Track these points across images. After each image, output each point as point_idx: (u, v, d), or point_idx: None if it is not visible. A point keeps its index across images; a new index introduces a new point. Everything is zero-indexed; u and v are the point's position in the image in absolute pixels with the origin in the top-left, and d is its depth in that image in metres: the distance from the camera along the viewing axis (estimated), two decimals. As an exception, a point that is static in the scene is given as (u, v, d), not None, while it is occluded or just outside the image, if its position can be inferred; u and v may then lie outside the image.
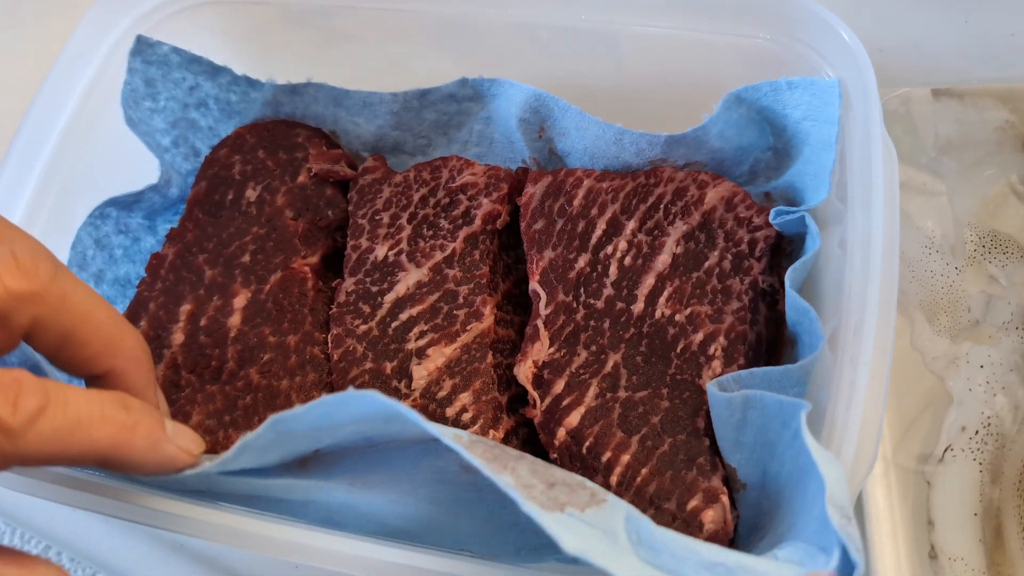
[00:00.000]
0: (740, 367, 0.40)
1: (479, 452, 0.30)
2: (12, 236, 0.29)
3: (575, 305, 0.43)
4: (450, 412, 0.41)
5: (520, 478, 0.29)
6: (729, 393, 0.36)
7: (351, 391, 0.28)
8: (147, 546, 0.48)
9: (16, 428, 0.24)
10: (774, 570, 0.28)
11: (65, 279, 0.28)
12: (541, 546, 0.35)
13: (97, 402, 0.27)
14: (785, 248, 0.45)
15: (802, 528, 0.31)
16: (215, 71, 0.50)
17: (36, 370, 0.40)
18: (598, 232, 0.44)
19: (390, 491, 0.35)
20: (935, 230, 0.48)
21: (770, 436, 0.36)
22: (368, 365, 0.43)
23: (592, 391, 0.41)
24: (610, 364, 0.41)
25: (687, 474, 0.38)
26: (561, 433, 0.40)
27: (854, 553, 0.27)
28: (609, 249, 0.44)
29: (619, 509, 0.30)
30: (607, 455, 0.39)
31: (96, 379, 0.31)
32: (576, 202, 0.45)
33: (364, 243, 0.46)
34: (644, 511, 0.37)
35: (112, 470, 0.28)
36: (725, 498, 0.37)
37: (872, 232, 0.37)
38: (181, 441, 0.30)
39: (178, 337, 0.44)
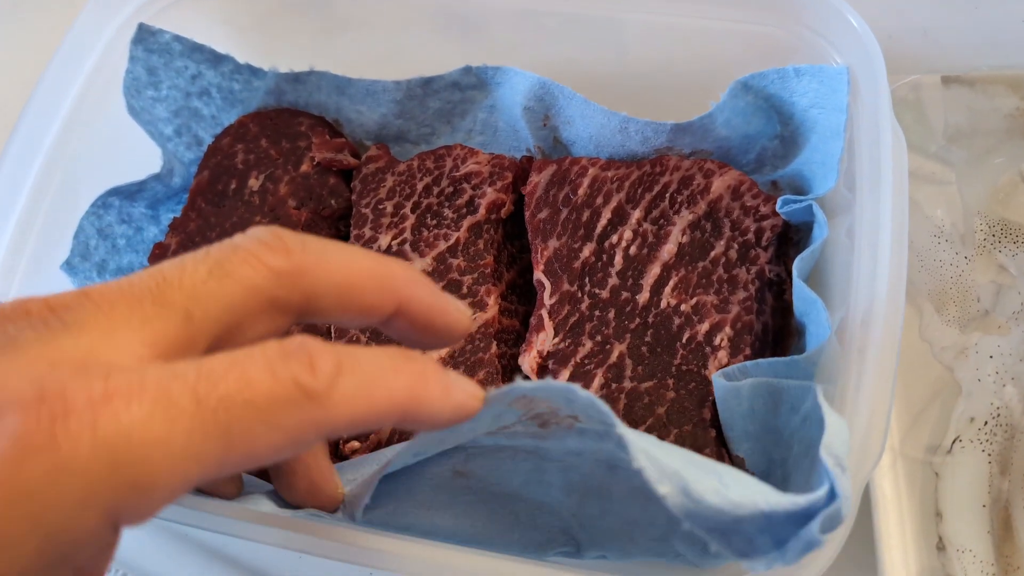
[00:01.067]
0: (746, 357, 0.40)
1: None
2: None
3: (580, 295, 0.43)
4: (454, 402, 0.41)
5: None
6: (736, 382, 0.36)
7: (555, 382, 0.26)
8: (149, 535, 0.48)
9: (322, 391, 0.23)
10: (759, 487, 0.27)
11: (312, 241, 0.26)
12: (544, 542, 0.35)
13: (382, 355, 0.25)
14: (792, 237, 0.44)
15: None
16: (217, 59, 0.49)
17: None
18: (603, 221, 0.44)
19: (387, 503, 0.34)
20: (944, 219, 0.47)
21: (777, 423, 0.35)
22: (372, 355, 0.43)
23: (597, 381, 0.40)
24: (615, 354, 0.41)
25: (693, 465, 0.37)
26: (566, 424, 0.40)
27: (840, 490, 0.26)
28: (614, 238, 0.44)
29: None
30: (612, 446, 0.38)
31: (391, 325, 0.28)
32: (581, 191, 0.45)
33: (367, 233, 0.46)
34: (649, 502, 0.37)
35: (409, 426, 0.26)
36: (731, 489, 0.36)
37: (881, 221, 0.36)
38: (466, 385, 0.27)
39: (181, 327, 0.44)
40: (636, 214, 0.44)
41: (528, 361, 0.41)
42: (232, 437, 0.22)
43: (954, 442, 0.42)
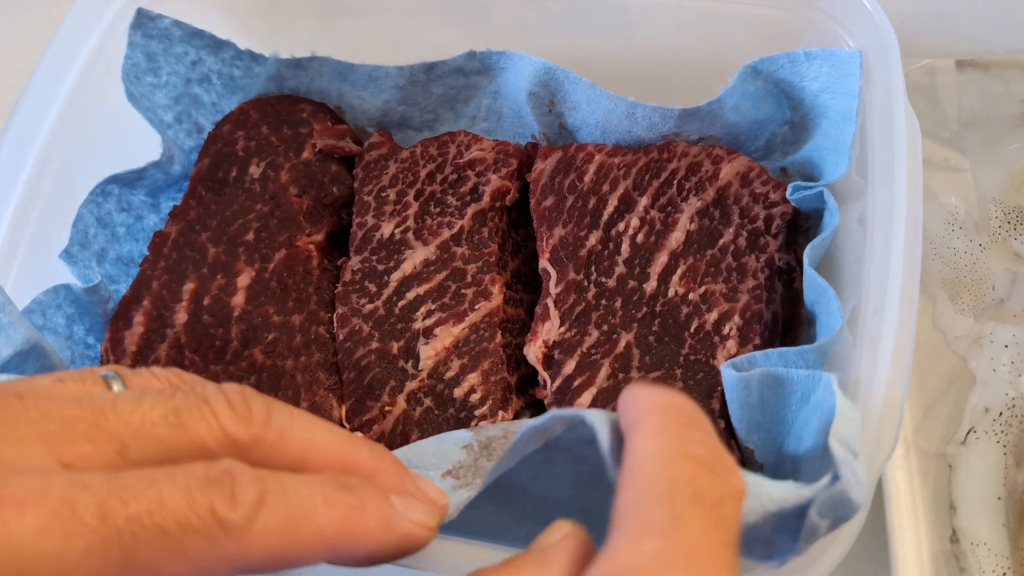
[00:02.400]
0: (755, 347, 0.39)
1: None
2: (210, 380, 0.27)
3: (586, 284, 0.42)
4: (458, 393, 0.40)
5: None
6: (744, 373, 0.35)
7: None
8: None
9: (239, 524, 0.21)
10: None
11: (279, 413, 0.25)
12: None
13: (316, 485, 0.23)
14: (802, 225, 0.44)
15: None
16: (218, 45, 0.49)
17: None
18: (609, 209, 0.43)
19: None
20: (958, 206, 0.46)
21: (788, 413, 0.35)
22: (374, 345, 0.42)
23: (604, 371, 0.40)
24: (622, 344, 0.40)
25: (701, 457, 0.37)
26: (572, 415, 0.39)
27: (843, 473, 0.25)
28: (621, 226, 0.43)
29: None
30: (619, 437, 0.38)
31: None
32: (587, 178, 0.44)
33: (370, 220, 0.45)
34: (657, 494, 0.36)
35: (344, 563, 0.24)
36: (740, 481, 0.36)
37: (895, 207, 0.36)
38: (414, 514, 0.26)
39: (181, 316, 0.43)
40: (643, 201, 0.43)
41: (533, 351, 0.41)
42: (135, 562, 0.20)
43: (968, 433, 0.41)
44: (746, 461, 0.37)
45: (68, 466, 0.21)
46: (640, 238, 0.42)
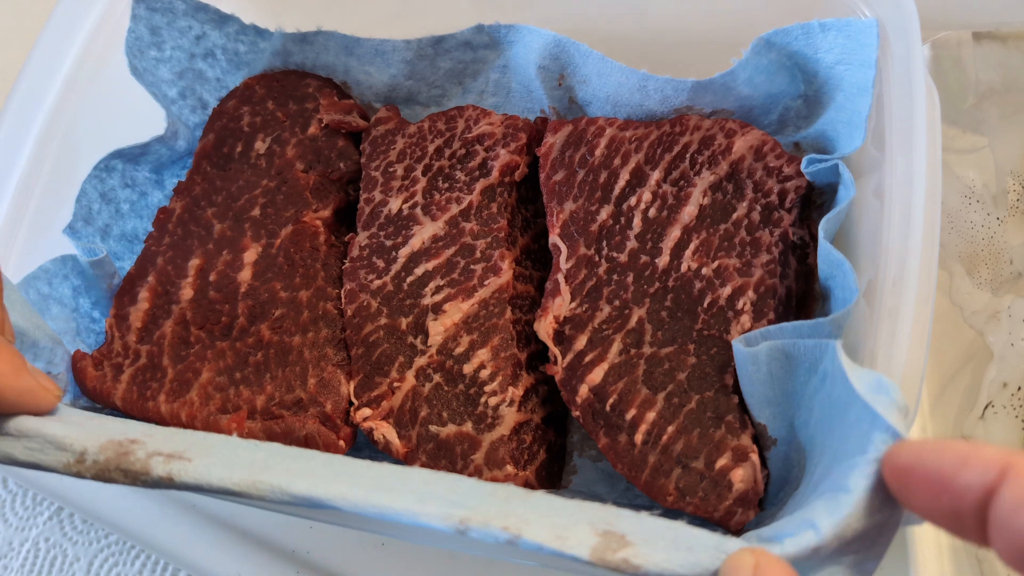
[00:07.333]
0: (770, 322, 0.38)
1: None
2: None
3: (597, 259, 0.41)
4: (468, 369, 0.40)
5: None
6: (753, 348, 0.35)
7: None
8: (159, 506, 0.47)
9: None
10: None
11: None
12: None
13: None
14: (815, 200, 0.43)
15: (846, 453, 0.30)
16: (222, 20, 0.48)
17: None
18: (621, 183, 0.43)
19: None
20: (976, 179, 0.46)
21: (796, 385, 0.34)
22: (383, 321, 0.42)
23: (615, 347, 0.39)
24: (634, 319, 0.40)
25: (715, 432, 0.36)
26: (583, 390, 0.38)
27: (897, 426, 0.26)
28: (632, 200, 0.42)
29: None
30: (632, 412, 0.37)
31: None
32: (598, 152, 0.43)
33: (377, 196, 0.45)
34: (671, 470, 0.36)
35: None
36: (755, 456, 0.35)
37: (914, 180, 0.35)
38: (41, 378, 0.29)
39: (187, 292, 0.43)
40: (655, 175, 0.43)
41: (544, 327, 0.40)
42: None
43: (986, 408, 0.41)
44: (760, 436, 0.36)
45: None
46: (652, 212, 0.42)
